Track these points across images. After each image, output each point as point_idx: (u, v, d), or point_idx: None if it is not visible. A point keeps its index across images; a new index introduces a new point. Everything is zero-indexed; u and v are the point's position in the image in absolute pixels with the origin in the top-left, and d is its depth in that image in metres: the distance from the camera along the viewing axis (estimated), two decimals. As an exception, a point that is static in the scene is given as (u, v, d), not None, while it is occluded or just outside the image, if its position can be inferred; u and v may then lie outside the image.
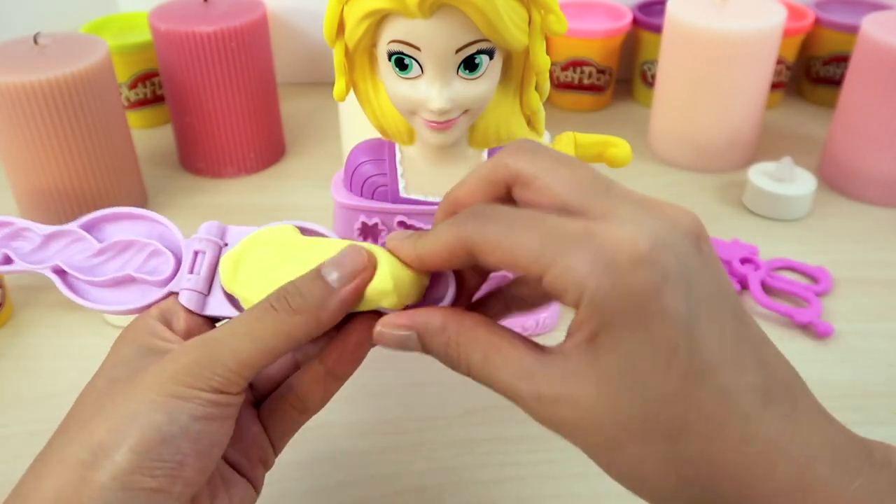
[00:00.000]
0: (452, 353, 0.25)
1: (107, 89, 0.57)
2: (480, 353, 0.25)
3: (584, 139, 0.44)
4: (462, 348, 0.25)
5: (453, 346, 0.25)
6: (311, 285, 0.27)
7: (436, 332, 0.26)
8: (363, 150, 0.42)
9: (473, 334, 0.25)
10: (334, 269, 0.27)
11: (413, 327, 0.26)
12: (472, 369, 0.25)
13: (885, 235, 0.59)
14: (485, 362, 0.25)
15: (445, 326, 0.26)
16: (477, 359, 0.25)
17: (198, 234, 0.32)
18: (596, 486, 0.40)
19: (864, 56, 0.60)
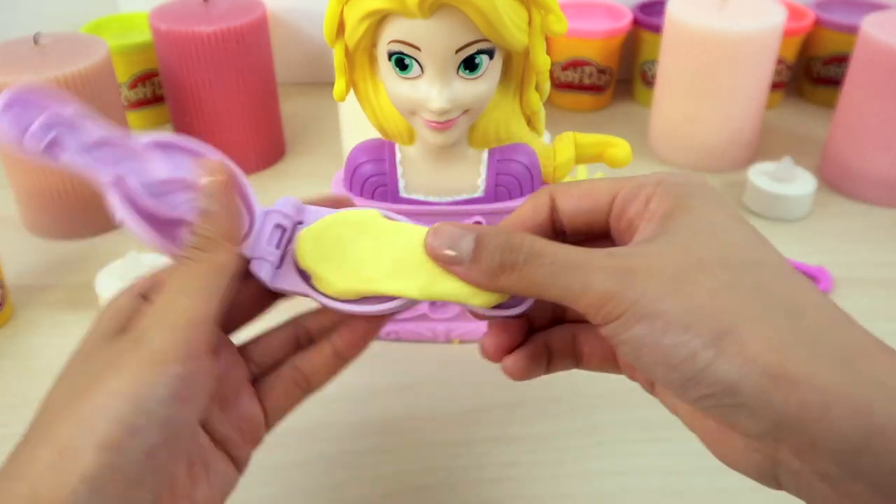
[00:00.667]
0: (515, 241, 0.25)
1: (107, 89, 0.57)
2: (545, 240, 0.26)
3: (584, 139, 0.44)
4: (526, 237, 0.26)
5: (516, 235, 0.26)
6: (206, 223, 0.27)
7: (498, 231, 0.26)
8: (363, 150, 0.42)
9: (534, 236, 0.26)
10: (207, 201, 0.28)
11: (473, 230, 0.26)
12: (534, 248, 0.25)
13: (885, 235, 0.59)
14: (550, 243, 0.25)
15: (503, 227, 0.27)
16: (541, 241, 0.25)
17: (276, 207, 0.31)
18: (596, 485, 0.40)
19: (864, 56, 0.60)
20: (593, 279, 0.24)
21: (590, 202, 0.28)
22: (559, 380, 0.46)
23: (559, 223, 0.29)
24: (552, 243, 0.25)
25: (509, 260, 0.25)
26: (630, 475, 0.40)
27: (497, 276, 0.26)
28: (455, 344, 0.48)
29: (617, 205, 0.27)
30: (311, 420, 0.43)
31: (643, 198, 0.26)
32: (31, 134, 0.25)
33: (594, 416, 0.43)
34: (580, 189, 0.28)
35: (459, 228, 0.26)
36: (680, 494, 0.39)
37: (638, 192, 0.26)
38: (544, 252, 0.25)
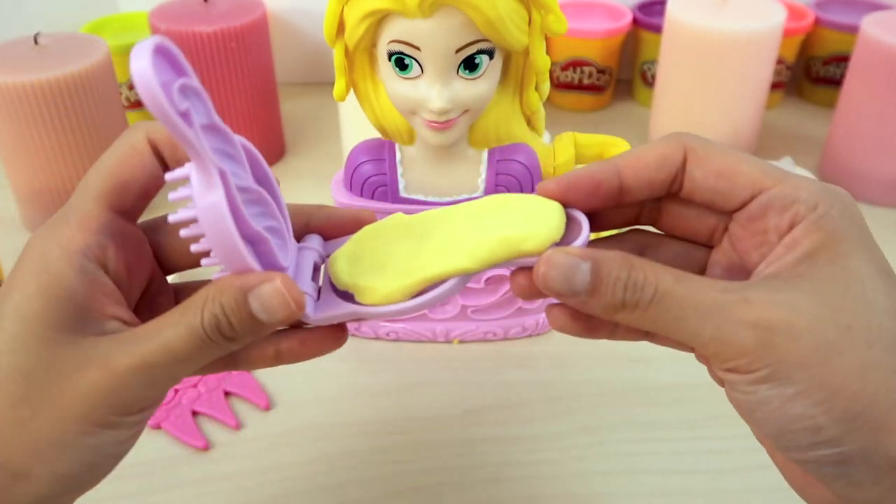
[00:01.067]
0: (637, 276, 0.23)
1: (107, 89, 0.57)
2: (672, 274, 0.23)
3: (584, 139, 0.44)
4: (649, 270, 0.23)
5: (638, 268, 0.23)
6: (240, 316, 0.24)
7: (615, 259, 0.23)
8: (363, 150, 0.42)
9: (655, 264, 0.23)
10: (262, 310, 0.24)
11: (590, 256, 0.23)
12: (660, 288, 0.23)
13: (885, 235, 0.59)
14: (677, 280, 0.23)
15: (625, 256, 0.24)
16: (668, 278, 0.23)
17: (308, 244, 0.28)
18: (596, 485, 0.40)
19: (864, 56, 0.60)
20: (727, 330, 0.22)
21: (727, 185, 0.25)
22: (559, 380, 0.46)
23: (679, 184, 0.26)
24: (680, 280, 0.23)
25: (632, 299, 0.23)
26: (630, 475, 0.40)
27: (616, 311, 0.23)
28: (455, 344, 0.48)
29: (757, 205, 0.24)
30: (312, 420, 0.43)
31: (790, 215, 0.23)
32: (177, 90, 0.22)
33: (594, 416, 0.43)
34: (721, 163, 0.25)
35: (573, 257, 0.23)
36: (680, 494, 0.39)
37: (788, 205, 0.23)
38: (673, 293, 0.22)
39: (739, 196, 0.24)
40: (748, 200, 0.24)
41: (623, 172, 0.26)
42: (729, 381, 0.23)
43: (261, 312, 0.24)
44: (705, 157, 0.25)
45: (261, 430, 0.43)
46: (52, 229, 0.25)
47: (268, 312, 0.24)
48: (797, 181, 0.24)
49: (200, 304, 0.24)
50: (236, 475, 0.40)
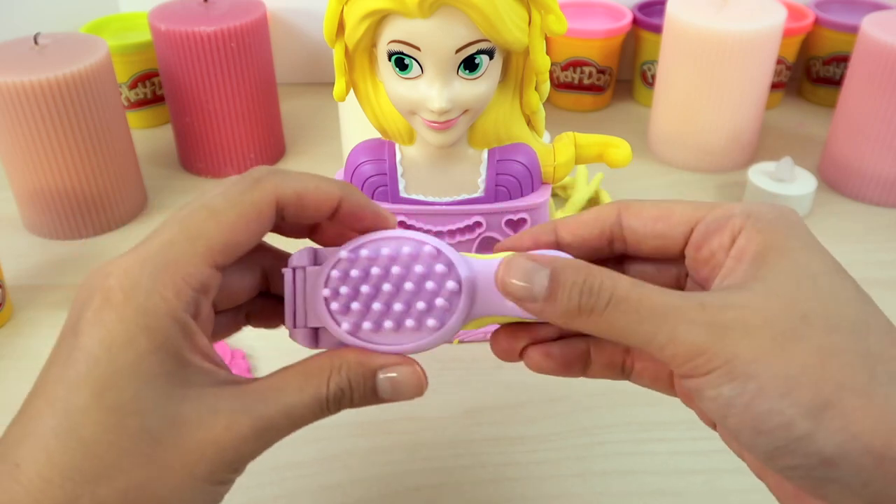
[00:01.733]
0: (594, 281, 0.23)
1: (107, 89, 0.57)
2: (628, 280, 0.23)
3: (584, 139, 0.44)
4: (606, 276, 0.23)
5: (595, 275, 0.23)
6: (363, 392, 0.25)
7: (572, 265, 0.24)
8: (363, 150, 0.42)
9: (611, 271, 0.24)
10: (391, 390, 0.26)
11: (547, 263, 0.24)
12: (617, 293, 0.23)
13: (885, 235, 0.59)
14: (633, 286, 0.23)
15: (582, 262, 0.24)
16: (624, 283, 0.23)
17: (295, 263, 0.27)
18: (596, 485, 0.40)
19: (864, 56, 0.60)
20: (682, 331, 0.22)
21: (665, 226, 0.25)
22: (559, 380, 0.46)
23: (621, 242, 0.27)
24: (636, 286, 0.23)
25: (588, 303, 0.23)
26: (630, 475, 0.40)
27: (573, 317, 0.23)
28: (455, 344, 0.48)
29: (698, 234, 0.25)
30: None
31: (730, 231, 0.24)
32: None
33: (594, 416, 0.43)
34: (655, 210, 0.26)
35: (533, 262, 0.24)
36: (680, 494, 0.39)
37: (724, 223, 0.24)
38: (629, 297, 0.23)
39: (679, 232, 0.25)
40: (688, 234, 0.25)
41: (560, 231, 0.27)
42: (694, 389, 0.22)
43: (387, 392, 0.25)
44: (639, 208, 0.26)
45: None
46: (154, 278, 0.23)
47: (396, 392, 0.25)
48: (729, 203, 0.25)
49: (325, 375, 0.25)
50: (236, 475, 0.40)
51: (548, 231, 0.27)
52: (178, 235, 0.24)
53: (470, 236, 0.43)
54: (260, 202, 0.25)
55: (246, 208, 0.24)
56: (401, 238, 0.27)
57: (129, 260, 0.23)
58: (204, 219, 0.24)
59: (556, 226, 0.27)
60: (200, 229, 0.24)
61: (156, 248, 0.23)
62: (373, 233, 0.27)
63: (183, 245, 0.23)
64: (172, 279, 0.23)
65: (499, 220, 0.43)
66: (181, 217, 0.24)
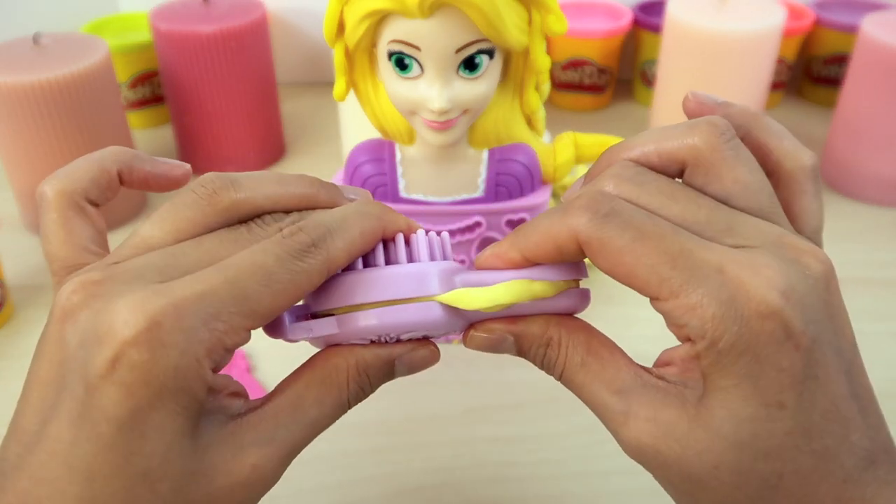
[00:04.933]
0: (553, 354, 0.25)
1: (107, 89, 0.57)
2: (579, 357, 0.24)
3: (584, 139, 0.44)
4: (562, 349, 0.25)
5: (555, 346, 0.25)
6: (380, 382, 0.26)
7: (537, 335, 0.25)
8: (363, 150, 0.42)
9: (576, 336, 0.25)
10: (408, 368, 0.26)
11: (512, 331, 0.25)
12: (566, 372, 0.25)
13: (885, 235, 0.59)
14: (581, 366, 0.24)
15: (547, 328, 0.25)
16: (575, 361, 0.24)
17: None
18: (596, 485, 0.40)
19: (864, 56, 0.60)
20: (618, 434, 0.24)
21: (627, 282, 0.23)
22: (559, 380, 0.46)
23: None
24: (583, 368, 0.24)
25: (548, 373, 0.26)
26: (630, 475, 0.40)
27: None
28: (455, 344, 0.48)
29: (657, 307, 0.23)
30: (311, 420, 0.43)
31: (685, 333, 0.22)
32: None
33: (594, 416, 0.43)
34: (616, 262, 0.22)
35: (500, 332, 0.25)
36: (680, 494, 0.39)
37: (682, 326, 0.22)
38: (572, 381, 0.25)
39: (642, 293, 0.23)
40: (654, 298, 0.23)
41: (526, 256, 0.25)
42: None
43: (403, 372, 0.26)
44: (599, 251, 0.22)
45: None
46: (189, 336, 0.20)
47: (412, 370, 0.26)
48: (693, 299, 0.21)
49: (343, 378, 0.25)
50: (236, 475, 0.40)
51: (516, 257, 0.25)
52: (224, 288, 0.21)
53: (470, 236, 0.43)
54: (313, 274, 0.23)
55: (299, 279, 0.22)
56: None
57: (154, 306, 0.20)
58: (254, 281, 0.21)
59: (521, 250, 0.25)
60: (248, 291, 0.21)
61: (194, 296, 0.20)
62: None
63: (227, 302, 0.21)
64: (210, 339, 0.21)
65: (499, 220, 0.43)
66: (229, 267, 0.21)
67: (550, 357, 0.25)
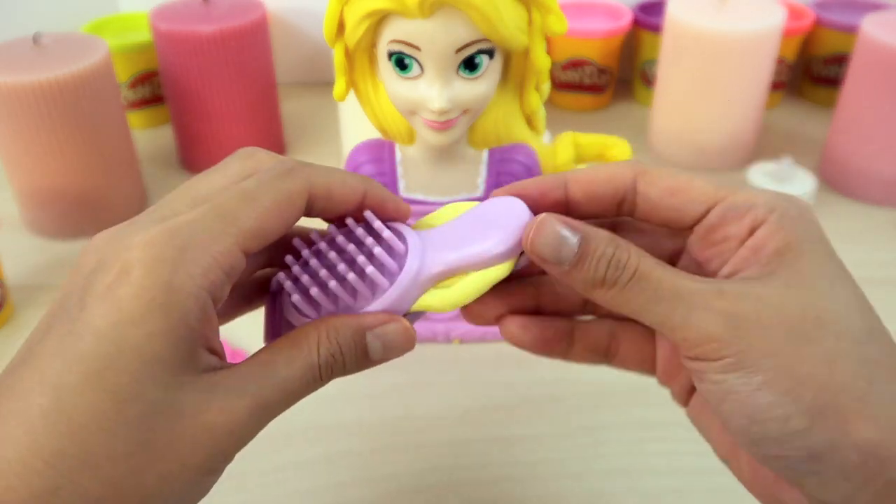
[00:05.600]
0: (622, 255, 0.23)
1: (107, 89, 0.57)
2: (653, 259, 0.24)
3: (584, 139, 0.44)
4: (633, 251, 0.23)
5: (623, 247, 0.24)
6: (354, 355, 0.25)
7: (603, 236, 0.24)
8: (363, 150, 0.42)
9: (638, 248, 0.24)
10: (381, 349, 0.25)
11: (579, 229, 0.24)
12: (640, 270, 0.23)
13: (885, 235, 0.59)
14: (657, 265, 0.23)
15: (612, 235, 0.24)
16: (649, 261, 0.23)
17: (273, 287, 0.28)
18: (596, 485, 0.40)
19: (864, 56, 0.60)
20: (697, 315, 0.22)
21: (681, 200, 0.25)
22: (559, 380, 0.46)
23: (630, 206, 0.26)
24: (659, 266, 0.23)
25: (612, 276, 0.23)
26: (630, 475, 0.40)
27: (595, 287, 0.24)
28: (455, 344, 0.48)
29: (714, 216, 0.24)
30: (311, 420, 0.43)
31: (750, 221, 0.23)
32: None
33: (594, 416, 0.43)
34: (673, 181, 0.25)
35: (565, 226, 0.24)
36: (680, 494, 0.39)
37: (745, 211, 0.24)
38: (650, 276, 0.23)
39: (695, 210, 0.24)
40: (704, 213, 0.24)
41: (570, 185, 0.26)
42: (697, 370, 0.23)
43: (378, 351, 0.25)
44: (657, 176, 0.25)
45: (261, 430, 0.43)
46: (182, 252, 0.21)
47: (387, 351, 0.25)
48: (750, 191, 0.24)
49: (314, 342, 0.24)
50: (236, 475, 0.40)
51: (558, 185, 0.26)
52: (210, 213, 0.22)
53: (470, 236, 0.43)
54: (294, 192, 0.24)
55: (281, 196, 0.24)
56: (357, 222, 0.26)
57: (153, 232, 0.21)
58: (238, 201, 0.23)
59: (567, 180, 0.26)
60: (234, 211, 0.23)
61: (184, 223, 0.22)
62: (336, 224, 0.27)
63: (214, 223, 0.22)
64: (203, 256, 0.22)
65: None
66: (212, 196, 0.23)
67: (620, 258, 0.23)
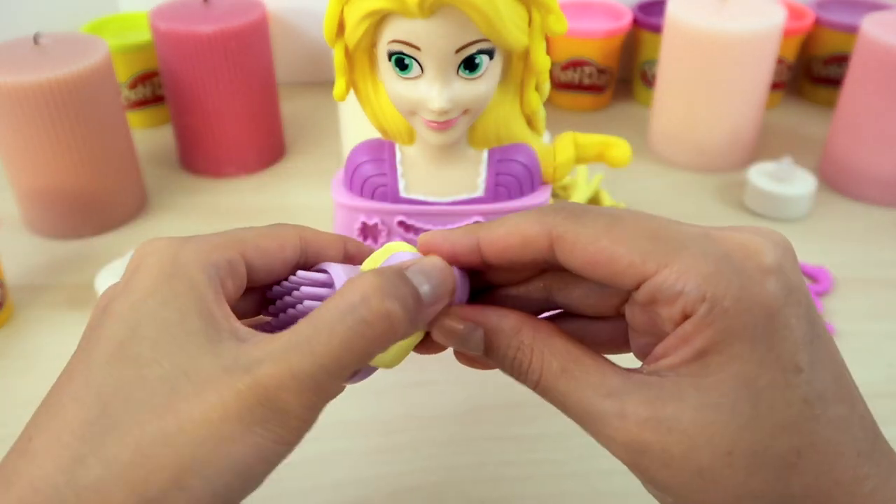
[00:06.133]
0: (524, 359, 0.22)
1: (107, 89, 0.57)
2: (558, 363, 0.22)
3: (584, 139, 0.44)
4: (536, 354, 0.22)
5: (526, 350, 0.22)
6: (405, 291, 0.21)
7: (509, 333, 0.23)
8: (363, 150, 0.42)
9: (551, 341, 0.22)
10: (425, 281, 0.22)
11: (483, 323, 0.23)
12: (543, 380, 0.22)
13: (885, 235, 0.59)
14: (562, 373, 0.22)
15: (521, 328, 0.23)
16: (553, 368, 0.22)
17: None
18: (596, 485, 0.40)
19: (864, 56, 0.60)
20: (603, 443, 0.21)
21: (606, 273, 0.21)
22: (559, 380, 0.46)
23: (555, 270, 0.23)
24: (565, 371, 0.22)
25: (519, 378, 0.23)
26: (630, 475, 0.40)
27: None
28: (455, 344, 0.48)
29: (644, 294, 0.21)
30: (311, 420, 0.43)
31: (680, 308, 0.20)
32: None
33: (594, 416, 0.43)
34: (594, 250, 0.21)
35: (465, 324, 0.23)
36: (680, 494, 0.39)
37: (675, 298, 0.20)
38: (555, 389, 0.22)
39: (623, 283, 0.21)
40: (635, 286, 0.21)
41: (483, 247, 0.23)
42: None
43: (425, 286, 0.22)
44: (574, 243, 0.21)
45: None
46: (186, 240, 0.24)
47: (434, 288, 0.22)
48: (686, 262, 0.20)
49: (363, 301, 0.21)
50: (236, 475, 0.40)
51: (469, 244, 0.24)
52: (213, 234, 0.25)
53: (470, 236, 0.43)
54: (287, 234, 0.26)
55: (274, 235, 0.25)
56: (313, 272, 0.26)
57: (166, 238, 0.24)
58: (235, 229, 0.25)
59: (480, 239, 0.23)
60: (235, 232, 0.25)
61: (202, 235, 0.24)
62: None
63: (218, 237, 0.24)
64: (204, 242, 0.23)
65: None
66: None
67: (522, 361, 0.22)
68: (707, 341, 0.20)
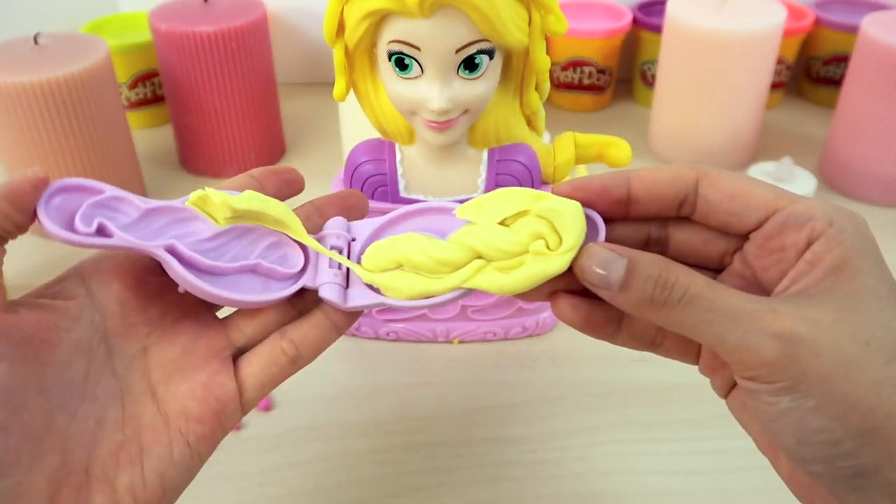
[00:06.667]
0: (669, 276, 0.23)
1: (107, 89, 0.57)
2: (703, 279, 0.23)
3: (584, 139, 0.44)
4: (682, 272, 0.24)
5: (671, 270, 0.24)
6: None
7: (651, 259, 0.24)
8: (363, 150, 0.42)
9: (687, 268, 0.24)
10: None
11: (625, 254, 0.24)
12: (691, 290, 0.23)
13: (885, 235, 0.59)
14: (708, 286, 0.23)
15: (660, 257, 0.24)
16: (699, 282, 0.23)
17: (329, 230, 0.30)
18: (596, 485, 0.40)
19: (864, 56, 0.60)
20: (753, 339, 0.22)
21: (741, 205, 0.25)
22: (559, 380, 0.46)
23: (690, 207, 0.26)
24: (710, 286, 0.23)
25: (661, 297, 0.23)
26: (630, 475, 0.40)
27: (645, 308, 0.24)
28: (455, 344, 0.48)
29: (773, 225, 0.25)
30: (311, 420, 0.43)
31: (808, 232, 0.24)
32: (79, 221, 0.26)
33: (594, 416, 0.43)
34: (734, 186, 0.25)
35: (612, 253, 0.24)
36: (680, 494, 0.39)
37: (804, 222, 0.24)
38: (702, 296, 0.23)
39: (754, 216, 0.25)
40: (763, 220, 0.25)
41: (633, 183, 0.26)
42: (750, 390, 0.23)
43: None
44: (718, 180, 0.25)
45: (261, 430, 0.43)
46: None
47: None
48: (810, 201, 0.24)
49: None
50: (236, 475, 0.40)
51: (621, 183, 0.26)
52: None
53: (470, 236, 0.43)
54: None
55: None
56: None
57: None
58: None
59: (630, 178, 0.26)
60: None
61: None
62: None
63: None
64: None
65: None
66: None
67: (667, 279, 0.24)
68: (836, 259, 0.23)
